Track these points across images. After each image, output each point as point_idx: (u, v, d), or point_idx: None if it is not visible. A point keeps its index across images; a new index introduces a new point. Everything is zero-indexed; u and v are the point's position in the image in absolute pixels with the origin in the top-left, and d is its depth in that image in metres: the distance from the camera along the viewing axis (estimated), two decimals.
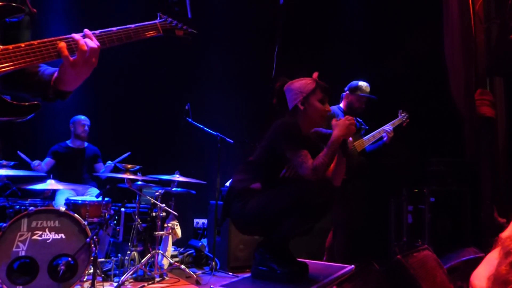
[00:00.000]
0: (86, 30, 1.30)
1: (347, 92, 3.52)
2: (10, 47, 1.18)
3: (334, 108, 3.43)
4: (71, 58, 1.23)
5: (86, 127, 4.27)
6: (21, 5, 1.27)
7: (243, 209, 2.17)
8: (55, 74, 1.32)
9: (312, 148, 2.28)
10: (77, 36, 1.26)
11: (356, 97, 3.46)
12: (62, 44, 1.23)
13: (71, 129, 4.30)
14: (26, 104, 1.25)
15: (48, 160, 4.16)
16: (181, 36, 1.59)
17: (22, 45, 1.19)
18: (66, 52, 1.23)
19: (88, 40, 1.26)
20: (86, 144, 4.37)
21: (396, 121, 3.57)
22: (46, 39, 1.24)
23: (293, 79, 2.42)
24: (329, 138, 2.21)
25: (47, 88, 1.32)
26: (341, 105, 3.57)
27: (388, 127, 3.47)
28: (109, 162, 4.23)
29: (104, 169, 4.27)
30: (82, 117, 4.31)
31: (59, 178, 3.78)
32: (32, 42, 1.21)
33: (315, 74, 2.41)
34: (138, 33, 1.43)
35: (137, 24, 1.43)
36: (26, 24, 1.39)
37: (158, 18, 1.53)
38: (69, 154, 4.24)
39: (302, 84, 2.36)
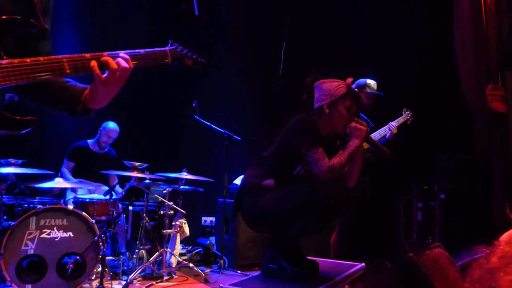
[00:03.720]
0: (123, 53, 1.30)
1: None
2: (15, 61, 1.14)
3: None
4: (103, 77, 1.24)
5: (112, 140, 4.19)
6: (30, 20, 1.22)
7: (254, 206, 2.15)
8: (86, 92, 1.34)
9: (328, 148, 2.23)
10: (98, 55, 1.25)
11: (364, 95, 3.47)
12: (94, 63, 1.23)
13: (98, 132, 4.20)
14: (19, 118, 1.22)
15: (67, 164, 4.11)
16: (190, 65, 1.50)
17: (28, 60, 1.16)
18: (97, 71, 1.23)
19: (121, 60, 1.26)
20: (107, 148, 4.30)
21: (400, 119, 3.60)
22: (52, 57, 1.21)
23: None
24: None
25: (77, 104, 1.35)
26: None
27: (393, 124, 3.49)
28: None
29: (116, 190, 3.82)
30: (112, 126, 4.17)
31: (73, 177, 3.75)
32: (38, 58, 1.18)
33: (349, 80, 2.33)
34: (146, 60, 1.35)
35: (146, 50, 1.36)
36: (47, 37, 1.36)
37: (169, 45, 1.45)
38: (87, 159, 4.15)
39: (334, 86, 2.27)
